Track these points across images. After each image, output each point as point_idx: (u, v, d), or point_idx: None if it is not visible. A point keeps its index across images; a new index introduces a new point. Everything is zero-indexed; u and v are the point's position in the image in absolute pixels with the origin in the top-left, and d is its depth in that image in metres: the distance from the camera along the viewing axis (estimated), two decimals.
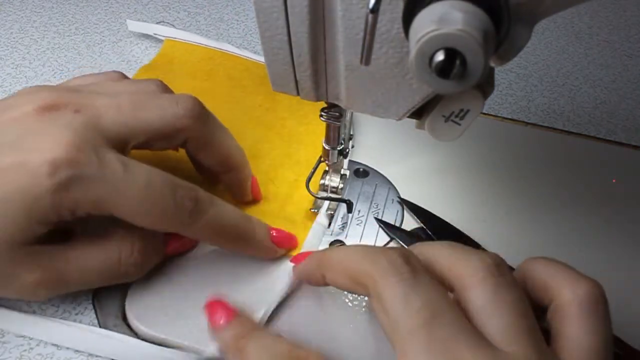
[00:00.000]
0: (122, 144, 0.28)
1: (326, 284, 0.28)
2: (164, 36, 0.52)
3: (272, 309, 0.31)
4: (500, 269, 0.24)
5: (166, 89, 0.33)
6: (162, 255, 0.32)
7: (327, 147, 0.34)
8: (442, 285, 0.24)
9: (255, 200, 0.37)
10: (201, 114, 0.31)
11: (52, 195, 0.25)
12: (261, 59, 0.51)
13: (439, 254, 0.25)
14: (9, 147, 0.25)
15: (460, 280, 0.24)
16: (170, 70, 0.48)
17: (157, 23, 0.55)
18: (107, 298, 0.31)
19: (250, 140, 0.40)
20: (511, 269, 0.33)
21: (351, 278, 0.25)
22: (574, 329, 0.23)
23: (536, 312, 0.24)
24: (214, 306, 0.28)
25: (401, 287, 0.22)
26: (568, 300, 0.23)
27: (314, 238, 0.35)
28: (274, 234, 0.33)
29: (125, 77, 0.34)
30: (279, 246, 0.33)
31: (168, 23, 0.57)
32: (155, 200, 0.27)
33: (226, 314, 0.28)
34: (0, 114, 0.27)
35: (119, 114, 0.28)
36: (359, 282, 0.25)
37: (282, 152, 0.41)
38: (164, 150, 0.32)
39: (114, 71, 0.34)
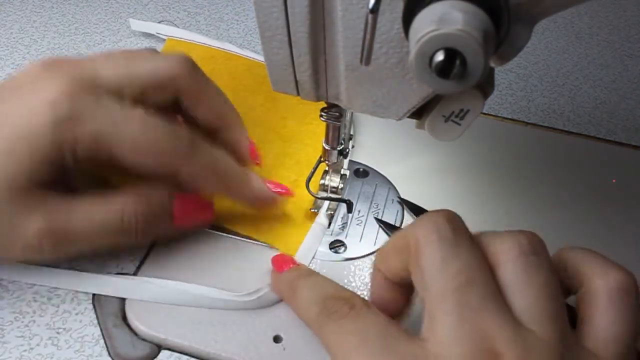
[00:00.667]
0: (119, 94, 0.29)
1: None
2: (166, 35, 0.52)
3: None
4: (535, 248, 0.23)
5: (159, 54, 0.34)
6: (169, 221, 0.31)
7: (327, 147, 0.34)
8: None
9: (255, 164, 0.37)
10: (193, 66, 0.32)
11: (52, 129, 0.25)
12: (262, 58, 0.51)
13: (481, 234, 0.25)
14: (14, 96, 0.27)
15: (494, 257, 0.23)
16: None
17: (159, 22, 0.55)
18: (107, 298, 0.31)
19: (258, 111, 0.41)
20: None
21: (396, 248, 0.25)
22: (600, 316, 0.23)
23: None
24: (278, 258, 0.32)
25: (441, 248, 0.23)
26: (597, 287, 0.23)
27: (313, 238, 0.35)
28: (270, 186, 0.34)
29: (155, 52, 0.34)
30: (278, 193, 0.34)
31: (170, 22, 0.57)
32: (154, 136, 0.28)
33: (288, 263, 0.31)
34: (15, 79, 0.29)
35: (114, 66, 0.29)
36: (403, 249, 0.24)
37: (283, 152, 0.41)
38: (159, 105, 0.32)
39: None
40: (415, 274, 0.24)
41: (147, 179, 0.30)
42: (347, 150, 0.35)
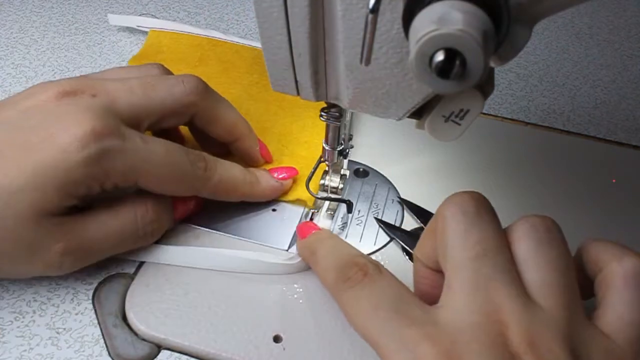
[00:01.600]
0: (137, 123, 0.31)
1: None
2: (147, 27, 0.52)
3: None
4: (548, 228, 0.24)
5: (167, 71, 0.36)
6: (172, 218, 0.33)
7: (327, 148, 0.34)
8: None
9: (267, 162, 0.39)
10: (205, 90, 0.34)
11: (84, 168, 0.27)
12: (250, 42, 0.51)
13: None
14: (36, 128, 0.27)
15: (510, 235, 0.25)
16: (161, 60, 0.49)
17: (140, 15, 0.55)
18: (107, 298, 0.31)
19: (255, 115, 0.42)
20: None
21: (428, 232, 0.26)
22: (616, 299, 0.23)
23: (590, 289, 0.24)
24: (302, 226, 0.33)
25: (463, 221, 0.24)
26: (614, 271, 0.24)
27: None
28: (277, 175, 0.36)
29: (165, 69, 0.36)
30: (284, 180, 0.36)
31: (150, 14, 0.57)
32: (175, 165, 0.30)
33: (310, 229, 0.33)
34: (21, 102, 0.29)
35: (131, 95, 0.30)
36: (433, 231, 0.25)
37: (287, 120, 0.43)
38: (174, 126, 0.35)
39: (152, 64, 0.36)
40: (439, 247, 0.25)
41: None
42: (347, 150, 0.35)
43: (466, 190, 0.25)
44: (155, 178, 0.30)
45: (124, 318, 0.31)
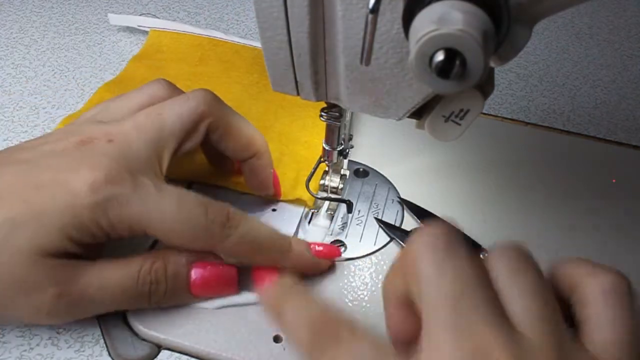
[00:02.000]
0: (158, 158, 0.30)
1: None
2: (148, 27, 0.52)
3: None
4: (521, 254, 0.23)
5: (172, 86, 0.34)
6: (184, 289, 0.30)
7: (327, 148, 0.34)
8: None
9: (276, 195, 0.37)
10: (214, 100, 0.32)
11: (90, 212, 0.26)
12: (250, 42, 0.51)
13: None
14: (49, 170, 0.27)
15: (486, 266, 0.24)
16: (161, 59, 0.49)
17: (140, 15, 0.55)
18: None
19: (255, 115, 0.42)
20: None
21: (398, 267, 0.25)
22: (597, 318, 0.22)
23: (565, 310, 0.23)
24: (259, 272, 0.31)
25: (435, 257, 0.22)
26: (591, 288, 0.23)
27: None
28: (317, 248, 0.33)
29: (170, 86, 0.34)
30: (322, 257, 0.33)
31: (151, 14, 0.57)
32: (187, 218, 0.28)
33: (270, 275, 0.31)
34: (40, 146, 0.29)
35: (143, 133, 0.30)
36: (404, 267, 0.24)
37: (287, 120, 0.43)
38: (193, 150, 0.33)
39: (158, 81, 0.34)
40: (412, 285, 0.23)
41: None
42: (347, 150, 0.35)
43: (436, 222, 0.24)
44: (164, 229, 0.28)
45: (124, 318, 0.31)
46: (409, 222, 0.37)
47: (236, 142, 0.33)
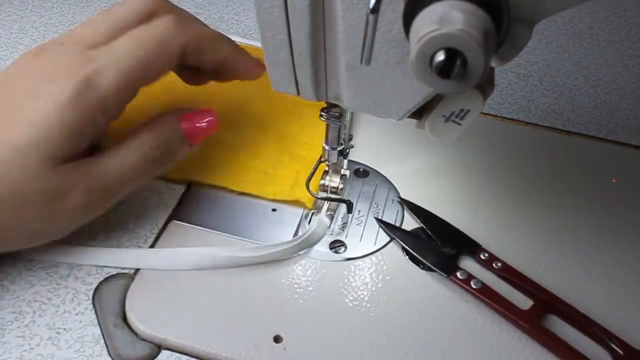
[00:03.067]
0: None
1: None
2: None
3: None
4: None
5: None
6: (183, 143, 0.33)
7: (327, 148, 0.34)
8: None
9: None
10: (187, 21, 0.33)
11: (73, 105, 0.28)
12: (250, 42, 0.51)
13: None
14: (20, 88, 0.28)
15: None
16: None
17: None
18: (107, 298, 0.31)
19: (255, 115, 0.42)
20: (511, 269, 0.33)
21: None
22: None
23: None
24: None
25: None
26: None
27: (318, 229, 0.35)
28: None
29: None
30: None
31: None
32: (146, 43, 0.30)
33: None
34: (4, 74, 0.30)
35: (92, 26, 0.31)
36: None
37: (287, 120, 0.43)
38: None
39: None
40: None
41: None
42: (347, 150, 0.35)
43: None
44: (141, 67, 0.30)
45: (124, 318, 0.31)
46: (409, 222, 0.37)
47: (211, 61, 0.34)
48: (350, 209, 0.37)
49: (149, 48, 0.30)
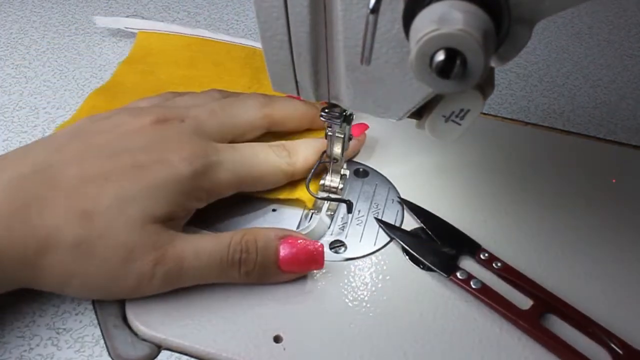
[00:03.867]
0: (222, 140, 0.34)
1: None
2: (135, 29, 0.52)
3: None
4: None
5: (227, 94, 0.39)
6: (272, 264, 0.31)
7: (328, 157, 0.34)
8: None
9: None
10: (271, 100, 0.38)
11: (191, 181, 0.30)
12: (240, 40, 0.51)
13: None
14: (143, 150, 0.31)
15: None
16: (152, 62, 0.48)
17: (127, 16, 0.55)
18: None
19: None
20: (511, 269, 0.33)
21: None
22: None
23: None
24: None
25: None
26: None
27: (318, 227, 0.35)
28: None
29: (224, 92, 0.39)
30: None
31: (138, 15, 0.57)
32: (264, 161, 0.34)
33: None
34: (118, 127, 0.32)
35: (214, 117, 0.35)
36: None
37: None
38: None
39: (214, 90, 0.39)
40: None
41: None
42: (352, 115, 0.34)
43: None
44: (253, 179, 0.34)
45: (124, 318, 0.31)
46: (409, 222, 0.37)
47: (293, 125, 0.39)
48: (350, 209, 0.37)
49: (262, 169, 0.34)
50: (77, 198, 0.28)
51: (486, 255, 0.34)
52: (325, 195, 0.37)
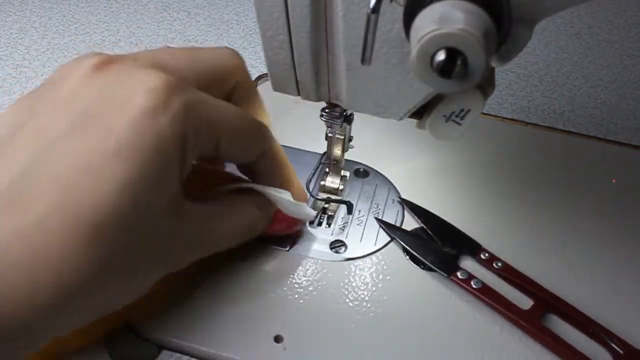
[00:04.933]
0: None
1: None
2: None
3: None
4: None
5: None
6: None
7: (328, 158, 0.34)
8: None
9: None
10: (243, 62, 0.30)
11: (172, 128, 0.22)
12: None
13: None
14: (99, 109, 0.22)
15: None
16: None
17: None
18: None
19: None
20: (512, 269, 0.33)
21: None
22: None
23: None
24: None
25: None
26: None
27: (306, 209, 0.33)
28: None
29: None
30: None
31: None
32: (247, 118, 0.28)
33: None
34: (57, 90, 0.23)
35: (175, 59, 0.26)
36: None
37: None
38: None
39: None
40: None
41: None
42: (352, 115, 0.34)
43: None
44: (230, 131, 0.26)
45: None
46: (410, 222, 0.37)
47: (254, 108, 0.31)
48: (350, 211, 0.37)
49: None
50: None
51: (487, 255, 0.34)
52: (325, 196, 0.37)
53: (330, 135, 0.34)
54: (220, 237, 0.29)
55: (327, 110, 0.32)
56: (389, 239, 0.36)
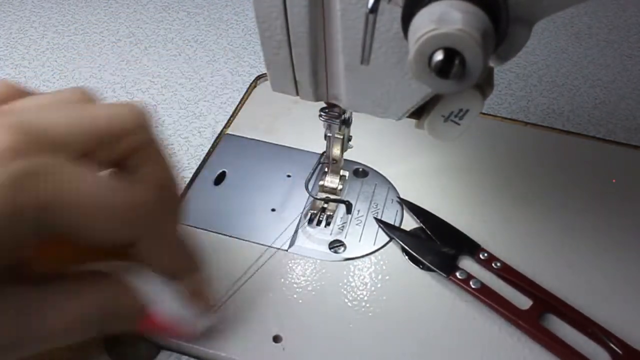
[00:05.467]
0: (65, 147, 0.22)
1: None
2: None
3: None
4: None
5: (94, 97, 0.25)
6: (132, 323, 0.25)
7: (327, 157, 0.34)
8: None
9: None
10: (147, 120, 0.25)
11: (8, 191, 0.19)
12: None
13: None
14: None
15: None
16: None
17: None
18: None
19: None
20: (511, 269, 0.33)
21: None
22: None
23: None
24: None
25: None
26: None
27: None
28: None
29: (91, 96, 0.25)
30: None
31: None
32: (111, 195, 0.22)
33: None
34: None
35: (56, 117, 0.22)
36: None
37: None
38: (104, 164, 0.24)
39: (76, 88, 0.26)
40: None
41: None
42: (350, 119, 0.33)
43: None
44: (94, 209, 0.21)
45: None
46: (409, 222, 0.37)
47: (153, 175, 0.25)
48: (349, 210, 0.37)
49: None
50: None
51: (486, 255, 0.34)
52: (324, 195, 0.37)
53: (329, 135, 0.34)
54: (45, 332, 0.22)
55: (326, 110, 0.32)
56: (388, 239, 0.36)
